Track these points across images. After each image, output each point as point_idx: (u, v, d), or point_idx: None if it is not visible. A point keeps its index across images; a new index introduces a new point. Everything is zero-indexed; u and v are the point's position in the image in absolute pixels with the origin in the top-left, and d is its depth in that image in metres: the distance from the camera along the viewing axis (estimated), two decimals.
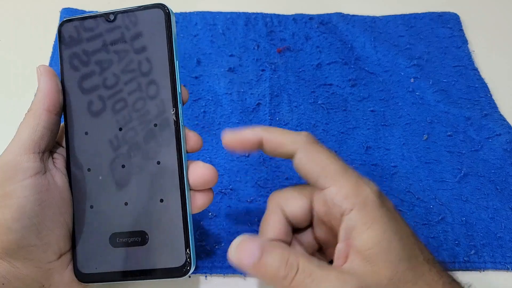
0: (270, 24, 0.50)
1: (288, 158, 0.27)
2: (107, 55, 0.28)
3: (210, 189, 0.28)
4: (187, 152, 0.28)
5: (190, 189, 0.28)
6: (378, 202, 0.24)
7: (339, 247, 0.25)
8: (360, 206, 0.24)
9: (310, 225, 0.29)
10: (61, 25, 0.28)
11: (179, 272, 0.26)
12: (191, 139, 0.28)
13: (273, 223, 0.27)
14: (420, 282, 0.23)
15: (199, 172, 0.27)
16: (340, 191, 0.25)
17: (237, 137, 0.27)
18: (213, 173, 0.27)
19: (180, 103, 0.27)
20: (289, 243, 0.28)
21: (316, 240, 0.29)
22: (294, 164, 0.26)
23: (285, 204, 0.27)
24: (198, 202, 0.28)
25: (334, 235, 0.26)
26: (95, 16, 0.28)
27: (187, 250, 0.26)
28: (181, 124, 0.27)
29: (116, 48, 0.28)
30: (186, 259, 0.26)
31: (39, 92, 0.27)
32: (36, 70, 0.28)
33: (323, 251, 0.29)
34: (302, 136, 0.26)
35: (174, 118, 0.27)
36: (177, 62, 0.27)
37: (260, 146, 0.27)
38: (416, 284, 0.23)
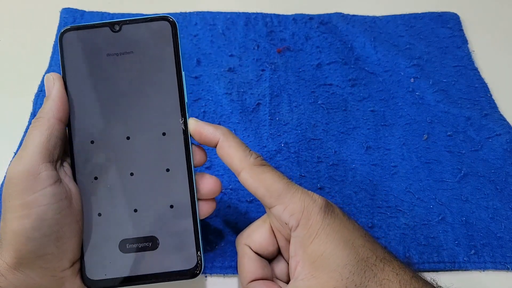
0: (270, 24, 0.50)
1: (234, 172, 0.28)
2: (112, 65, 0.28)
3: (213, 198, 0.29)
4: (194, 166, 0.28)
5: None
6: (322, 214, 0.25)
7: (290, 263, 0.26)
8: (304, 221, 0.25)
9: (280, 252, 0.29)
10: (62, 34, 0.28)
11: (191, 274, 0.27)
12: (197, 153, 0.29)
13: (247, 265, 0.28)
14: (371, 284, 0.23)
15: (206, 183, 0.28)
16: (286, 209, 0.25)
17: (199, 129, 0.28)
18: (218, 185, 0.28)
19: (187, 112, 0.28)
20: (271, 277, 0.28)
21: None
22: (240, 182, 0.27)
23: (250, 241, 0.28)
24: (202, 210, 0.28)
25: None
26: (99, 26, 0.28)
27: (198, 252, 0.27)
28: (189, 132, 0.28)
29: (121, 58, 0.28)
30: (198, 261, 0.27)
31: (51, 101, 0.27)
32: (46, 77, 0.27)
33: None
34: (251, 158, 0.27)
35: (183, 127, 0.28)
36: (183, 73, 0.28)
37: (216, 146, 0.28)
38: (366, 287, 0.23)
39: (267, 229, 0.28)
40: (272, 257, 0.29)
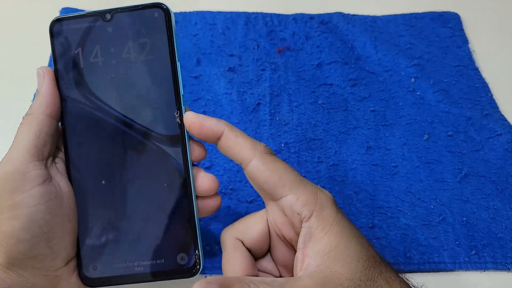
0: (270, 23, 0.49)
1: (239, 163, 0.26)
2: (103, 56, 0.27)
3: (217, 193, 0.28)
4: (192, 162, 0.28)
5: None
6: (334, 208, 0.25)
7: (297, 255, 0.25)
8: (318, 212, 0.25)
9: (268, 251, 0.29)
10: (52, 24, 0.27)
11: (189, 272, 0.26)
12: (196, 149, 0.28)
13: (240, 260, 0.27)
14: (380, 280, 0.24)
15: (202, 182, 0.27)
16: (299, 199, 0.25)
17: (200, 121, 0.26)
18: (215, 181, 0.28)
19: (183, 105, 0.27)
20: (257, 275, 0.28)
21: (277, 265, 0.29)
22: (248, 171, 0.26)
23: (243, 234, 0.27)
24: (207, 207, 0.28)
25: (291, 252, 0.27)
26: (90, 15, 0.27)
27: (196, 251, 0.26)
28: (185, 126, 0.27)
29: (113, 49, 0.27)
30: (196, 259, 0.26)
31: (41, 96, 0.26)
32: (37, 72, 0.27)
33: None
34: (261, 146, 0.26)
35: (179, 121, 0.27)
36: (178, 63, 0.27)
37: (217, 140, 0.27)
38: (376, 282, 0.24)
39: (265, 226, 0.27)
40: (261, 256, 0.29)
